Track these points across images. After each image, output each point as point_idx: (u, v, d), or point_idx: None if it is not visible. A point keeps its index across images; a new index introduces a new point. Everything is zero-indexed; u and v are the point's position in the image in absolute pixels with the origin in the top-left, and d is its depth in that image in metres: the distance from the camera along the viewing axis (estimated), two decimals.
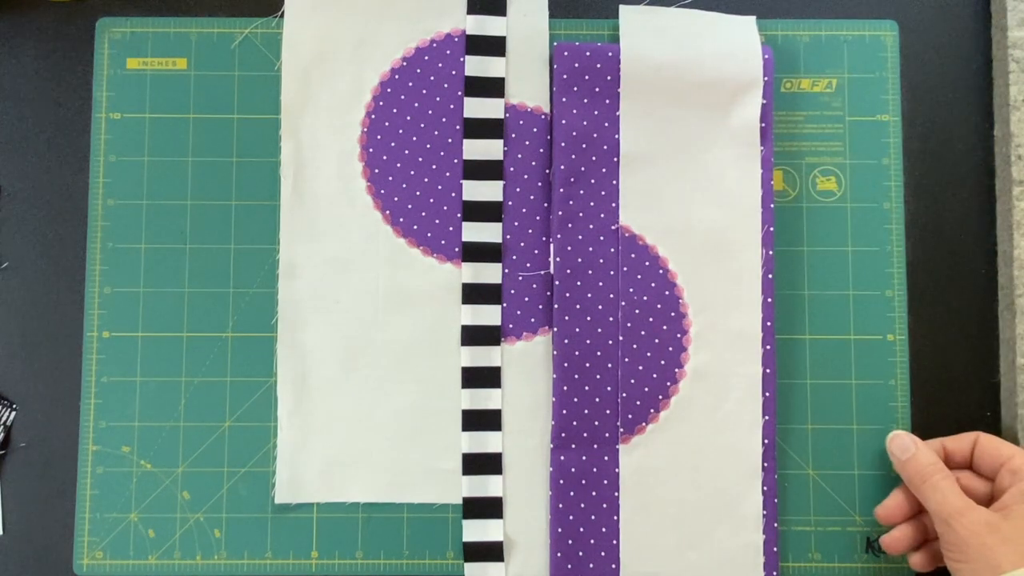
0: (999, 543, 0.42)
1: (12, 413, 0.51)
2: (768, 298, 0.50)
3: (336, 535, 0.50)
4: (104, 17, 0.52)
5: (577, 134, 0.51)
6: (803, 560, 0.50)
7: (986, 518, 0.43)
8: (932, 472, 0.46)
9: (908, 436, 0.48)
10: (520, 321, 0.51)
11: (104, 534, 0.50)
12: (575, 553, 0.49)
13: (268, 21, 0.52)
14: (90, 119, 0.52)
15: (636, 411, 0.50)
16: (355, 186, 0.52)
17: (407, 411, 0.50)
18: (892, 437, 0.48)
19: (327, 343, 0.51)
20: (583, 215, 0.51)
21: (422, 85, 0.52)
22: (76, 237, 0.52)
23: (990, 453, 0.46)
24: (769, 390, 0.50)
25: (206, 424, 0.50)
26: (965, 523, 0.43)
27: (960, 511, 0.44)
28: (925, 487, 0.45)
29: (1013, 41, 0.51)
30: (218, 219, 0.51)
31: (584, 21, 0.53)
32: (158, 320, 0.51)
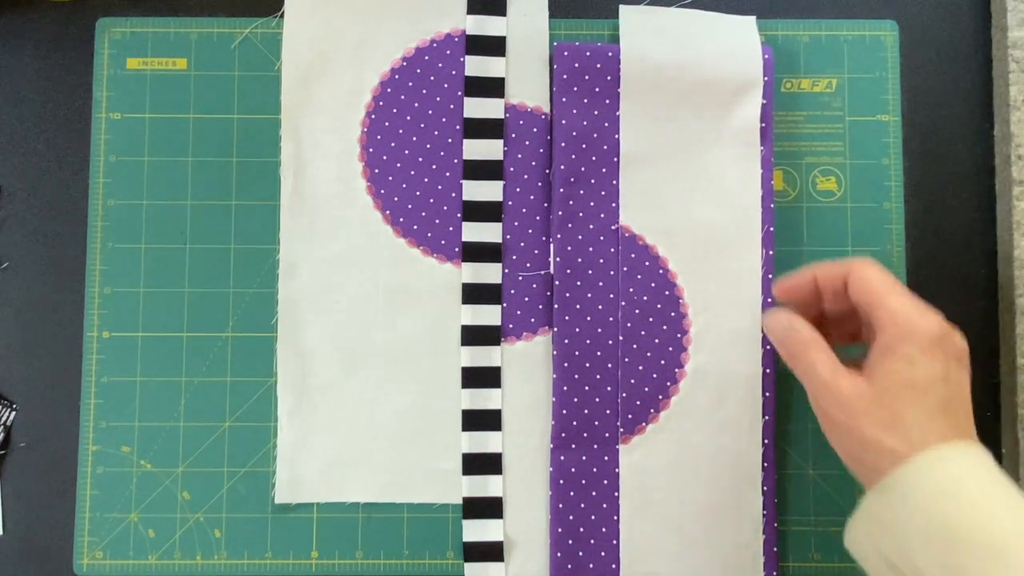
0: (862, 412, 0.40)
1: (12, 413, 0.51)
2: (768, 298, 0.50)
3: (336, 535, 0.50)
4: (104, 17, 0.52)
5: (577, 134, 0.51)
6: (803, 560, 0.50)
7: (852, 388, 0.41)
8: (807, 348, 0.43)
9: (783, 313, 0.45)
10: (520, 321, 0.51)
11: (104, 534, 0.50)
12: (575, 553, 0.49)
13: (268, 21, 0.52)
14: (90, 119, 0.52)
15: (636, 411, 0.50)
16: (355, 186, 0.52)
17: (407, 411, 0.50)
18: (767, 316, 0.46)
19: (327, 343, 0.51)
20: (583, 215, 0.51)
21: (422, 85, 0.52)
22: (76, 237, 0.52)
23: (861, 291, 0.42)
24: (769, 390, 0.50)
25: (206, 424, 0.50)
26: (831, 398, 0.41)
27: (827, 385, 0.41)
28: (799, 363, 0.43)
29: (1013, 41, 0.51)
30: (218, 219, 0.51)
31: (584, 21, 0.53)
32: (158, 320, 0.51)
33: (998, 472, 0.38)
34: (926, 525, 0.37)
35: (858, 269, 0.43)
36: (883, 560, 0.38)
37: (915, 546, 0.37)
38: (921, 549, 0.37)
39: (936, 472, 0.37)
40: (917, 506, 0.37)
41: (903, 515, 0.37)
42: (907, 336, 0.40)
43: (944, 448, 0.38)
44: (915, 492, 0.37)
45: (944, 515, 0.36)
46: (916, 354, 0.40)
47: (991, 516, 0.36)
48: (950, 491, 0.37)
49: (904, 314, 0.41)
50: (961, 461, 0.38)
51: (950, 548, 0.36)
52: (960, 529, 0.36)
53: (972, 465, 0.38)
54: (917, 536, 0.37)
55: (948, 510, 0.36)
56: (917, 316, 0.41)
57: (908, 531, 0.37)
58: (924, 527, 0.37)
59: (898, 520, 0.38)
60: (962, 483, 0.37)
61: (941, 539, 0.36)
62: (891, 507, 0.38)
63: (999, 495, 0.37)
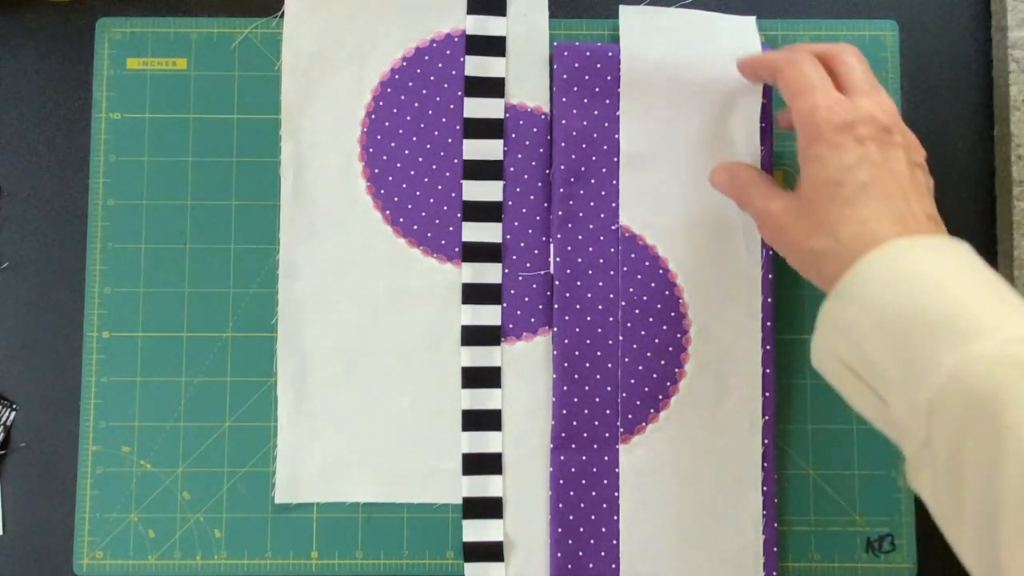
0: (791, 226, 0.41)
1: (12, 413, 0.51)
2: (768, 298, 0.50)
3: (336, 535, 0.50)
4: (104, 17, 0.52)
5: (577, 134, 0.51)
6: (803, 560, 0.50)
7: (781, 205, 0.41)
8: (744, 188, 0.44)
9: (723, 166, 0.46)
10: (520, 321, 0.51)
11: (104, 534, 0.50)
12: (575, 553, 0.49)
13: (268, 21, 0.52)
14: (90, 119, 0.52)
15: (636, 411, 0.50)
16: (355, 186, 0.52)
17: (407, 411, 0.50)
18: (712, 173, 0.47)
19: (327, 343, 0.51)
20: (583, 215, 0.51)
21: (422, 85, 0.52)
22: (76, 237, 0.52)
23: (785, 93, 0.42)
24: (769, 390, 0.50)
25: (206, 424, 0.50)
26: (769, 223, 0.42)
27: (761, 212, 0.43)
28: (743, 205, 0.45)
29: (1013, 41, 0.51)
30: (218, 219, 0.51)
31: (584, 21, 0.53)
32: (158, 320, 0.51)
33: (951, 254, 0.37)
34: (875, 318, 0.36)
35: (784, 71, 0.42)
36: (844, 367, 0.38)
37: (868, 341, 0.36)
38: (873, 343, 0.36)
39: (879, 266, 0.36)
40: (865, 302, 0.36)
41: (854, 314, 0.36)
42: (813, 137, 0.40)
43: (886, 247, 0.36)
44: (862, 289, 0.36)
45: (890, 304, 0.35)
46: (824, 151, 0.39)
47: (937, 294, 0.34)
48: (895, 280, 0.36)
49: (808, 114, 0.40)
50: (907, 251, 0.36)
51: (899, 334, 0.35)
52: (907, 313, 0.35)
53: (919, 252, 0.36)
54: (869, 331, 0.36)
55: (893, 298, 0.35)
56: (823, 112, 0.40)
57: (861, 328, 0.36)
58: (874, 320, 0.36)
59: (850, 320, 0.37)
60: (908, 270, 0.36)
61: (890, 328, 0.35)
62: (843, 309, 0.37)
63: (948, 274, 0.35)
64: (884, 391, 0.36)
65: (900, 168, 0.39)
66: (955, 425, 0.33)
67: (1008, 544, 0.31)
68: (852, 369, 0.37)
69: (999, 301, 0.34)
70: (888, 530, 0.50)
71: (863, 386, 0.37)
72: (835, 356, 0.38)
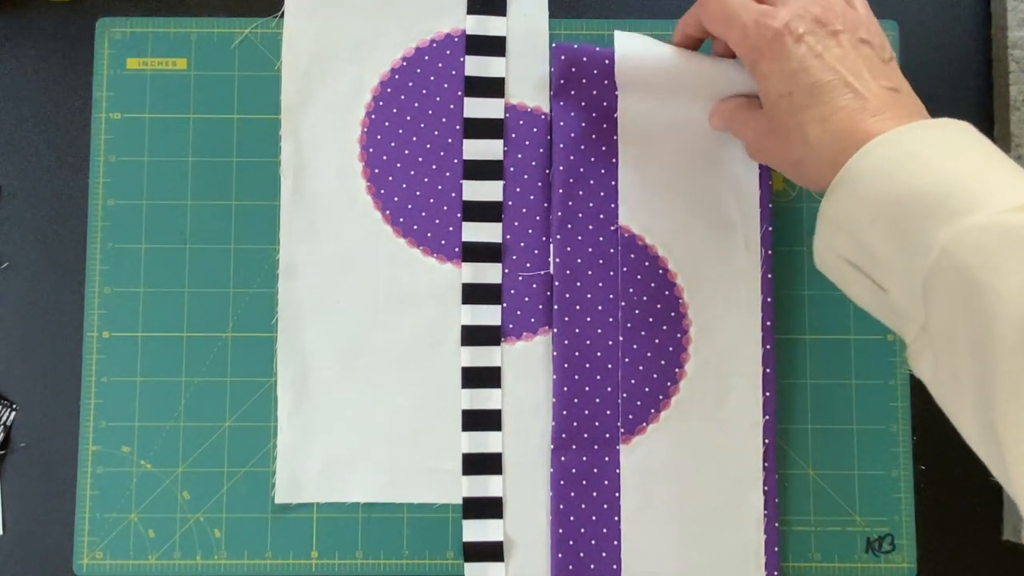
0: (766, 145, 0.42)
1: (12, 413, 0.51)
2: (768, 298, 0.50)
3: (336, 535, 0.50)
4: (104, 17, 0.52)
5: (576, 136, 0.51)
6: (803, 560, 0.50)
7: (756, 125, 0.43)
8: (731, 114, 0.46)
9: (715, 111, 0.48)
10: (520, 321, 0.51)
11: (104, 534, 0.50)
12: (576, 554, 0.49)
13: (268, 21, 0.52)
14: (90, 119, 0.52)
15: (637, 411, 0.50)
16: (355, 186, 0.52)
17: (407, 411, 0.50)
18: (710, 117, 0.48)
19: (327, 343, 0.51)
20: (583, 215, 0.51)
21: (422, 85, 0.52)
22: (76, 237, 0.52)
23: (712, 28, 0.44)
24: (769, 390, 0.50)
25: (206, 424, 0.50)
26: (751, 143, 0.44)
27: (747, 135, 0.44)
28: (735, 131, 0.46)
29: (1013, 41, 0.51)
30: (218, 219, 0.51)
31: (584, 21, 0.53)
32: (158, 320, 0.51)
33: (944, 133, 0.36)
34: (871, 207, 0.36)
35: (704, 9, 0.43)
36: (844, 263, 0.38)
37: (865, 231, 0.36)
38: (871, 231, 0.36)
39: (872, 156, 0.36)
40: (859, 193, 0.36)
41: (850, 206, 0.37)
42: (754, 58, 0.41)
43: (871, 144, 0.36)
44: (856, 181, 0.36)
45: (885, 190, 0.35)
46: (766, 67, 0.40)
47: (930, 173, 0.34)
48: (888, 167, 0.35)
49: (741, 39, 0.41)
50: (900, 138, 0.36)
51: (895, 218, 0.35)
52: (901, 196, 0.35)
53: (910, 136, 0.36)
54: (866, 220, 0.36)
55: (888, 184, 0.35)
56: (753, 29, 0.40)
57: (857, 220, 0.36)
58: (870, 209, 0.36)
59: (847, 213, 0.37)
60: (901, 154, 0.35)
61: (886, 213, 0.35)
62: (839, 204, 0.37)
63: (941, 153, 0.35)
64: (883, 278, 0.36)
65: (842, 53, 0.39)
66: (948, 300, 0.33)
67: (1003, 412, 0.31)
68: (852, 263, 0.37)
69: (994, 173, 0.34)
70: (888, 530, 0.50)
71: (864, 278, 0.37)
72: (835, 253, 0.38)
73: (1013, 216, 0.32)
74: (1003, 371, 0.31)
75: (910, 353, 0.37)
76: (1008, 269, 0.31)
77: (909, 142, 0.36)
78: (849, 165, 0.36)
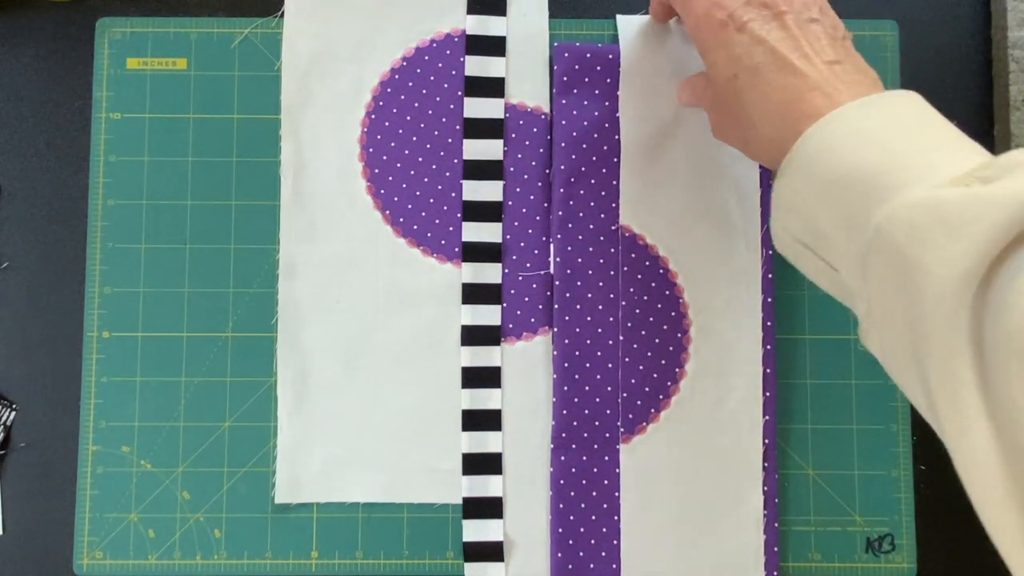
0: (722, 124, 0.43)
1: (12, 413, 0.51)
2: (768, 298, 0.50)
3: (336, 535, 0.50)
4: (104, 17, 0.52)
5: (577, 135, 0.51)
6: (803, 560, 0.50)
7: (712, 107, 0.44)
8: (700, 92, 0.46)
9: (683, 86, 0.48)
10: (520, 321, 0.51)
11: (104, 534, 0.50)
12: (576, 553, 0.49)
13: (268, 21, 0.52)
14: (90, 119, 0.52)
15: (637, 411, 0.50)
16: (355, 186, 0.51)
17: (407, 411, 0.50)
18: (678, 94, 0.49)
19: (327, 343, 0.51)
20: (583, 215, 0.51)
21: (422, 85, 0.52)
22: (76, 237, 0.52)
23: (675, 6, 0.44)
24: (769, 390, 0.50)
25: (206, 424, 0.50)
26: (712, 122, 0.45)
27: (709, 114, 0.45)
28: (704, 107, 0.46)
29: (1013, 41, 0.51)
30: (218, 219, 0.51)
31: (584, 21, 0.53)
32: (158, 320, 0.51)
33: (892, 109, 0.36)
34: (818, 186, 0.35)
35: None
36: (799, 244, 0.38)
37: (814, 211, 0.36)
38: (819, 211, 0.36)
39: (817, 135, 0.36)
40: (807, 173, 0.36)
41: (799, 187, 0.36)
42: (705, 46, 0.41)
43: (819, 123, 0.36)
44: (804, 161, 0.36)
45: (830, 169, 0.35)
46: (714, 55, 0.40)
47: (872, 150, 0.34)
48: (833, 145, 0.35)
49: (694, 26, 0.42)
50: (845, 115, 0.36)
51: (839, 197, 0.35)
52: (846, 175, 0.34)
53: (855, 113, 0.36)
54: (814, 201, 0.36)
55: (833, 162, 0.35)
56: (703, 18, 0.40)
57: (806, 200, 0.36)
58: (817, 189, 0.36)
59: (796, 194, 0.37)
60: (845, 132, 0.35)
61: (831, 193, 0.35)
62: (789, 185, 0.37)
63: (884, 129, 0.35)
64: (833, 258, 0.36)
65: (785, 35, 0.39)
66: (882, 278, 0.33)
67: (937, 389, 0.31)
68: (805, 244, 0.37)
69: (935, 148, 0.34)
70: (888, 530, 0.50)
71: (816, 259, 0.37)
72: (790, 235, 0.38)
73: (945, 191, 0.32)
74: (934, 350, 0.31)
75: (861, 330, 0.37)
76: (936, 244, 0.31)
77: (855, 119, 0.36)
78: (796, 146, 0.36)
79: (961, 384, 0.30)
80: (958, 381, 0.30)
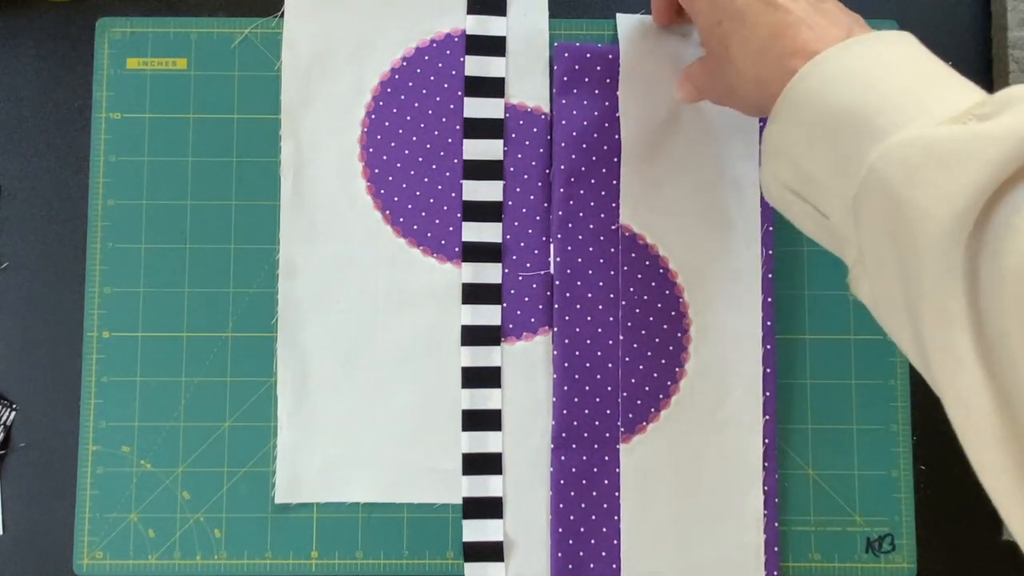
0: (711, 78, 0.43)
1: (12, 413, 0.51)
2: (768, 298, 0.50)
3: (336, 535, 0.50)
4: (104, 17, 0.52)
5: (577, 134, 0.51)
6: (803, 560, 0.50)
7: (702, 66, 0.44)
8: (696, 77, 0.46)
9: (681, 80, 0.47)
10: (520, 321, 0.51)
11: (104, 534, 0.50)
12: (576, 553, 0.49)
13: (268, 21, 0.53)
14: (90, 119, 0.52)
15: (637, 410, 0.50)
16: (355, 186, 0.52)
17: (407, 411, 0.50)
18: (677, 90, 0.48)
19: (327, 343, 0.51)
20: (583, 215, 0.51)
21: (422, 85, 0.52)
22: (76, 237, 0.52)
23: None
24: (769, 390, 0.50)
25: (206, 424, 0.50)
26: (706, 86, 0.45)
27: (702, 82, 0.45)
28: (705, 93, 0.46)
29: (1013, 41, 0.51)
30: (218, 219, 0.51)
31: (584, 21, 0.53)
32: (158, 320, 0.51)
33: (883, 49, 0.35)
34: (808, 130, 0.35)
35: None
36: (788, 192, 0.37)
37: (804, 155, 0.35)
38: (809, 155, 0.35)
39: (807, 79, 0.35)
40: (797, 117, 0.35)
41: (788, 131, 0.36)
42: None
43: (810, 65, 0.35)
44: (793, 106, 0.36)
45: (821, 112, 0.34)
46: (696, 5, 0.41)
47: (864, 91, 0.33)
48: (824, 88, 0.34)
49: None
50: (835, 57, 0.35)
51: (830, 139, 0.34)
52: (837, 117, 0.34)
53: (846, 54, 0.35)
54: (804, 145, 0.35)
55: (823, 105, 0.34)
56: None
57: (796, 144, 0.36)
58: (807, 133, 0.35)
59: (786, 139, 0.36)
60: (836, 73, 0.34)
61: (822, 136, 0.34)
62: (779, 131, 0.37)
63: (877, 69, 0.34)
64: (823, 203, 0.35)
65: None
66: (874, 219, 0.32)
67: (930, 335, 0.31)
68: (794, 191, 0.37)
69: (929, 88, 0.33)
70: (888, 530, 0.50)
71: (805, 205, 0.37)
72: (780, 182, 0.38)
73: (940, 129, 0.31)
74: (927, 291, 0.30)
75: (851, 278, 0.36)
76: (930, 182, 0.30)
77: (847, 59, 0.35)
78: (787, 89, 0.36)
79: (953, 326, 0.29)
80: (950, 323, 0.30)
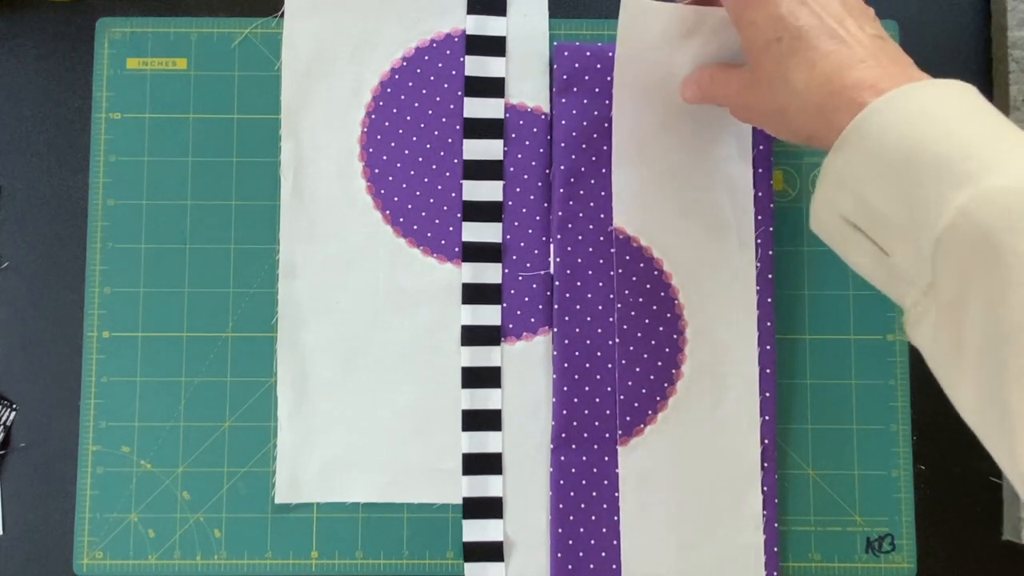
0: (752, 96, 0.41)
1: (12, 413, 0.51)
2: (768, 298, 0.50)
3: (336, 535, 0.50)
4: (104, 17, 0.52)
5: (577, 134, 0.51)
6: (803, 560, 0.50)
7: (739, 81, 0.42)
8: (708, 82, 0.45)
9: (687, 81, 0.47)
10: (520, 321, 0.51)
11: (104, 534, 0.50)
12: (575, 553, 0.49)
13: (268, 21, 0.52)
14: (90, 119, 0.52)
15: (634, 413, 0.50)
16: (355, 186, 0.52)
17: (407, 411, 0.50)
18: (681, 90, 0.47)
19: (327, 343, 0.51)
20: (583, 215, 0.51)
21: (422, 85, 0.52)
22: (76, 237, 0.52)
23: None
24: (769, 390, 0.50)
25: (206, 424, 0.50)
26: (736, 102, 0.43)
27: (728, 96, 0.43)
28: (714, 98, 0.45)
29: (1013, 41, 0.51)
30: (218, 219, 0.51)
31: (584, 21, 0.53)
32: (158, 320, 0.51)
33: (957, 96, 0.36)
34: (881, 165, 0.35)
35: None
36: (845, 224, 0.37)
37: (872, 190, 0.35)
38: (878, 191, 0.35)
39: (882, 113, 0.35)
40: (869, 150, 0.35)
41: (857, 163, 0.36)
42: (738, 8, 0.40)
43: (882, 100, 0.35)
44: (865, 137, 0.35)
45: (896, 148, 0.34)
46: (753, 14, 0.39)
47: (944, 134, 0.33)
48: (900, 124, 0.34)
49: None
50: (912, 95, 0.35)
51: (905, 177, 0.34)
52: (914, 156, 0.34)
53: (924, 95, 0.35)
54: (874, 179, 0.35)
55: (899, 142, 0.34)
56: None
57: (865, 178, 0.35)
58: (879, 167, 0.35)
59: (854, 171, 0.36)
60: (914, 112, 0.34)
61: (896, 172, 0.34)
62: (847, 161, 0.36)
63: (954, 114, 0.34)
64: (887, 241, 0.35)
65: (828, 1, 0.38)
66: (962, 261, 0.32)
67: (1015, 377, 0.31)
68: (853, 224, 0.37)
69: (1005, 139, 0.34)
70: (888, 530, 0.50)
71: (865, 240, 0.36)
72: (836, 213, 0.37)
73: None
74: (1018, 341, 0.30)
75: (908, 319, 0.36)
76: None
77: (921, 99, 0.35)
78: (857, 120, 0.35)
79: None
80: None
